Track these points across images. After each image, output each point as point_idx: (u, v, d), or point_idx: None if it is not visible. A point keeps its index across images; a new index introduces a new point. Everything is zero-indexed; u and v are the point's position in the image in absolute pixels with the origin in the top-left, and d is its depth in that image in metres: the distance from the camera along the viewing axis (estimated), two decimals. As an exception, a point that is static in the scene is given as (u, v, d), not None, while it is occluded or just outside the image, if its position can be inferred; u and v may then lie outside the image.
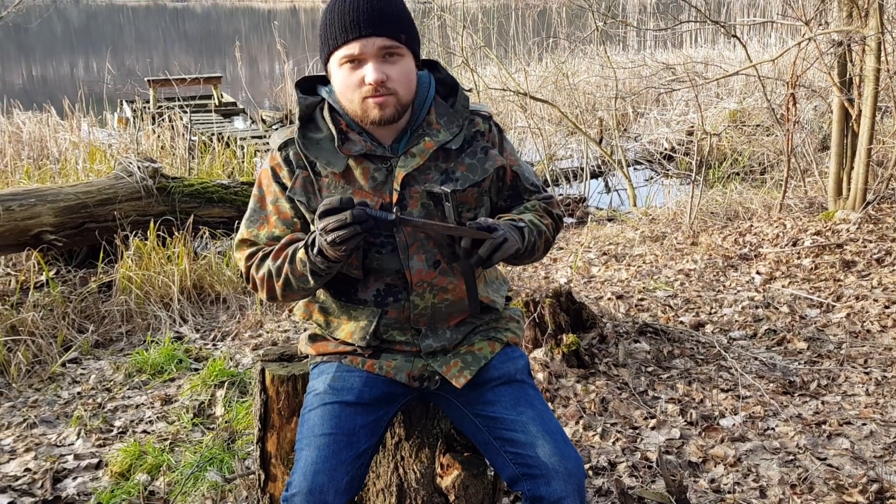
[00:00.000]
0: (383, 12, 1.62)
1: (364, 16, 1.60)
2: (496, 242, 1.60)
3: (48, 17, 34.37)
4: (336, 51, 1.64)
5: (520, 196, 1.88)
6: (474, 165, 1.77)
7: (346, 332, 1.80)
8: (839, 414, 3.00)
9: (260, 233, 1.77)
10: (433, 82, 1.80)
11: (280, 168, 1.74)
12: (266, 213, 1.78)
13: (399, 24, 1.64)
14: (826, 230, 4.99)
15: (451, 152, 1.75)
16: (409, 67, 1.67)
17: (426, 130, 1.74)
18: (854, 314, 3.91)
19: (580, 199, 7.80)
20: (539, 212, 1.85)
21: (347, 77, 1.64)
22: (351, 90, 1.65)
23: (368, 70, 1.61)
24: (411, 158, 1.71)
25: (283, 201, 1.75)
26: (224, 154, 8.46)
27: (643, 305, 4.20)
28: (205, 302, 4.57)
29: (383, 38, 1.62)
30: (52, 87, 16.84)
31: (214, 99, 13.37)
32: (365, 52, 1.61)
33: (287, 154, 1.74)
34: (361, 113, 1.66)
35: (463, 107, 1.78)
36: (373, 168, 1.71)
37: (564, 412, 3.03)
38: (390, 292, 1.75)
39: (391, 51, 1.63)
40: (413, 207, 1.71)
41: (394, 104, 1.64)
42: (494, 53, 9.12)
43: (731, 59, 11.88)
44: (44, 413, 3.29)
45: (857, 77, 5.10)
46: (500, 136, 1.85)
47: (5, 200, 4.50)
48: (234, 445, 2.93)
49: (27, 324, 3.93)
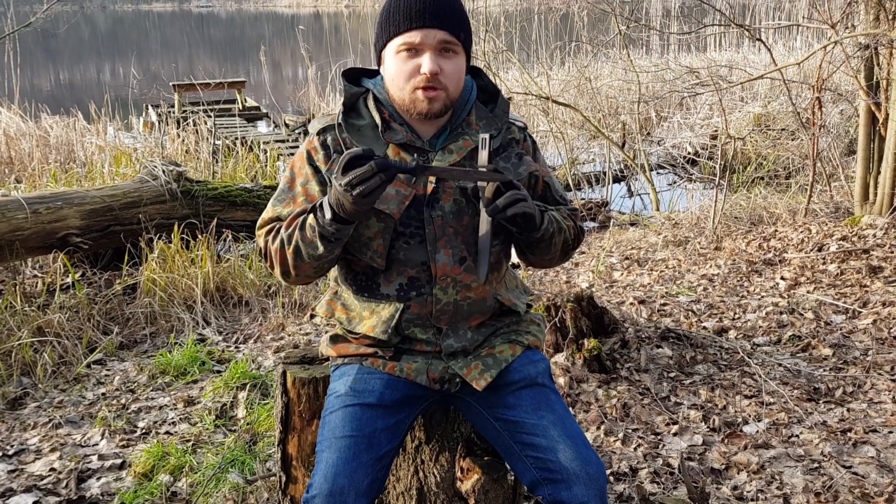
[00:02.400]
0: (448, 7, 1.66)
1: (430, 7, 1.64)
2: (518, 195, 1.61)
3: (75, 22, 34.82)
4: (396, 37, 1.67)
5: (547, 206, 1.89)
6: (508, 169, 1.79)
7: (367, 325, 1.79)
8: (865, 421, 2.96)
9: (284, 210, 1.78)
10: (475, 88, 1.83)
11: (316, 152, 1.76)
12: (294, 193, 1.79)
13: (460, 21, 1.69)
14: (852, 235, 4.93)
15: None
16: (462, 66, 1.71)
17: (465, 130, 1.76)
18: (881, 320, 3.86)
19: (602, 204, 7.76)
20: (563, 213, 1.88)
21: (402, 64, 1.67)
22: (404, 78, 1.67)
23: (426, 60, 1.64)
24: (448, 154, 1.73)
25: (312, 183, 1.76)
26: (247, 158, 8.53)
27: (665, 310, 4.17)
28: (227, 304, 4.61)
29: (445, 32, 1.65)
30: (78, 92, 17.07)
31: (238, 103, 13.49)
32: (425, 42, 1.64)
33: (325, 139, 1.76)
34: (409, 103, 1.68)
35: (503, 112, 1.82)
36: (410, 159, 1.73)
37: (586, 417, 3.01)
38: (413, 286, 1.75)
39: (449, 46, 1.67)
40: (445, 202, 1.73)
41: (443, 99, 1.67)
42: (517, 57, 9.11)
43: (755, 62, 11.79)
44: (69, 413, 3.33)
45: (884, 80, 5.04)
46: (534, 146, 1.88)
47: (33, 203, 4.57)
48: (256, 447, 2.94)
49: (53, 325, 3.99)
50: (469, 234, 1.75)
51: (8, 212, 4.44)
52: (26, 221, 4.48)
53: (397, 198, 1.71)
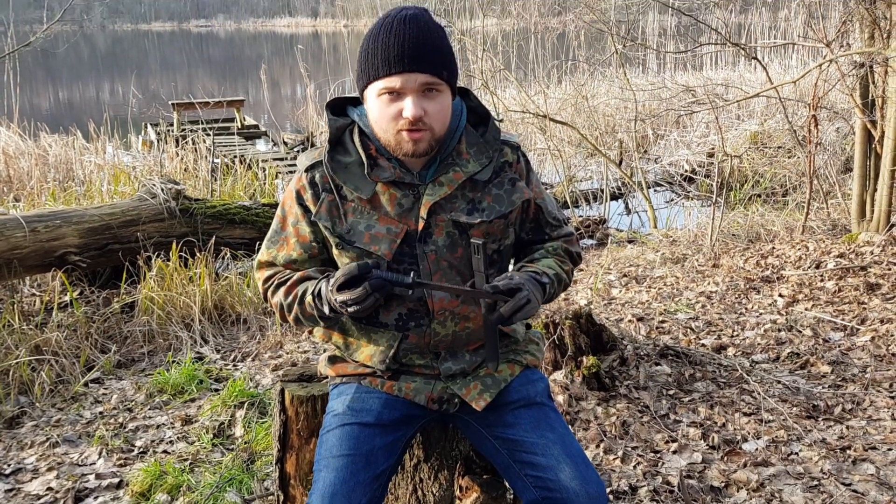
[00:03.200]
0: (427, 48, 1.59)
1: (409, 51, 1.57)
2: (519, 304, 1.59)
3: (75, 42, 34.94)
4: (376, 81, 1.61)
5: (541, 228, 1.88)
6: (501, 197, 1.76)
7: (365, 354, 1.80)
8: (864, 439, 2.95)
9: (279, 254, 1.79)
10: (465, 110, 1.79)
11: (305, 190, 1.75)
12: (286, 234, 1.79)
13: (442, 59, 1.62)
14: (849, 252, 4.94)
15: (478, 183, 1.75)
16: (447, 103, 1.66)
17: (456, 160, 1.73)
18: (879, 337, 3.86)
19: (600, 221, 7.78)
20: (560, 256, 1.85)
21: (384, 108, 1.62)
22: (386, 121, 1.63)
23: (408, 105, 1.59)
24: (439, 187, 1.70)
25: (303, 224, 1.76)
26: (246, 176, 8.56)
27: (664, 328, 4.17)
28: (225, 322, 4.60)
29: (426, 75, 1.59)
30: (78, 111, 17.12)
31: (237, 122, 13.54)
32: (406, 87, 1.59)
33: (313, 176, 1.74)
34: (395, 144, 1.65)
35: (494, 138, 1.77)
36: (400, 195, 1.70)
37: (585, 435, 3.00)
38: (412, 317, 1.75)
39: (432, 86, 1.61)
40: (438, 236, 1.71)
41: (428, 139, 1.64)
42: (514, 76, 9.16)
43: (751, 80, 11.87)
44: (66, 432, 3.32)
45: (879, 98, 5.07)
46: (527, 166, 1.84)
47: (31, 222, 4.57)
48: (254, 466, 2.93)
49: (51, 343, 3.98)
50: (464, 266, 1.73)
51: (6, 230, 4.44)
52: (25, 240, 4.48)
53: (388, 236, 1.70)
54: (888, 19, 4.84)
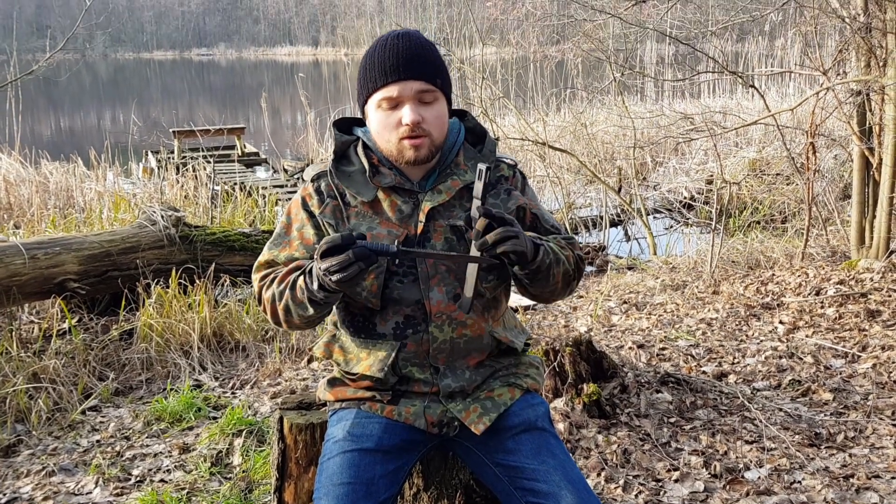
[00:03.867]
0: (421, 57, 1.71)
1: (403, 60, 1.69)
2: (508, 233, 1.57)
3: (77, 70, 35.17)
4: (375, 93, 1.72)
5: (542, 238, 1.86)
6: (497, 205, 1.82)
7: (364, 365, 1.79)
8: (867, 467, 2.93)
9: (280, 254, 1.83)
10: (463, 129, 1.88)
11: (310, 197, 1.82)
12: (290, 238, 1.83)
13: (435, 69, 1.73)
14: (849, 279, 4.94)
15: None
16: (443, 110, 1.76)
17: (454, 170, 1.80)
18: (880, 364, 3.85)
19: (600, 248, 7.79)
20: (560, 243, 1.83)
21: (385, 118, 1.72)
22: (388, 131, 1.73)
23: (406, 111, 1.70)
24: (437, 194, 1.77)
25: (308, 227, 1.81)
26: (246, 203, 8.57)
27: (665, 355, 4.16)
28: (224, 350, 4.58)
29: (420, 82, 1.70)
30: (79, 139, 17.21)
31: (237, 149, 13.59)
32: (403, 94, 1.70)
33: (319, 185, 1.82)
34: (397, 153, 1.74)
35: (490, 151, 1.86)
36: (400, 201, 1.77)
37: (586, 463, 2.98)
38: (409, 324, 1.76)
39: (427, 94, 1.72)
40: (437, 240, 1.76)
41: (428, 145, 1.72)
42: (513, 104, 9.22)
43: (749, 108, 11.94)
44: (63, 461, 3.29)
45: (877, 126, 5.10)
46: (523, 182, 1.90)
47: (31, 249, 4.57)
48: (252, 495, 2.90)
49: (49, 371, 3.96)
50: (462, 271, 1.75)
51: (6, 257, 4.44)
52: (24, 267, 4.48)
53: (388, 238, 1.75)
54: (884, 48, 4.88)
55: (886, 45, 4.86)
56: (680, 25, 7.46)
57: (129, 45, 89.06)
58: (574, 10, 7.30)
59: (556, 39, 12.54)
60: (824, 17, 5.65)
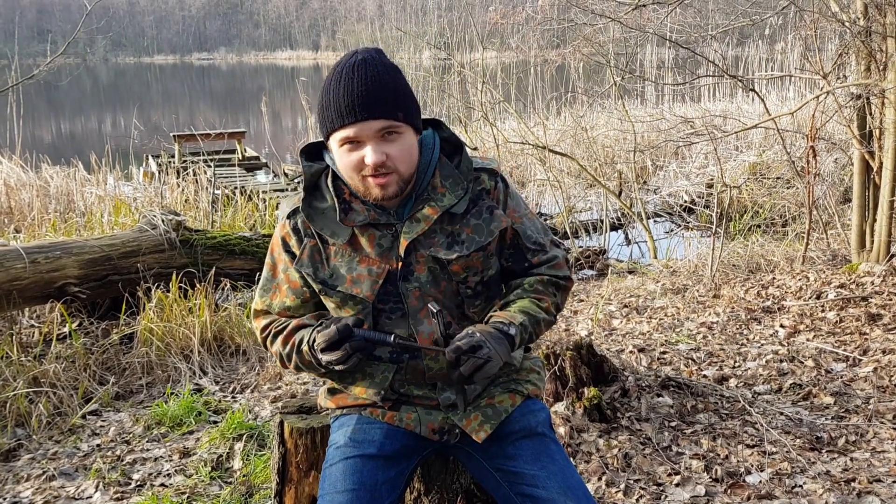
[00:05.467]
0: (377, 95, 1.60)
1: (359, 100, 1.59)
2: (478, 363, 1.59)
3: (78, 74, 35.20)
4: (334, 133, 1.64)
5: (522, 255, 1.83)
6: (480, 227, 1.75)
7: (360, 388, 1.81)
8: (868, 471, 2.93)
9: (273, 302, 1.83)
10: (438, 141, 1.78)
11: (289, 237, 1.78)
12: (277, 281, 1.82)
13: (395, 102, 1.62)
14: (850, 283, 4.94)
15: (455, 216, 1.74)
16: (410, 142, 1.67)
17: (431, 195, 1.73)
18: (881, 368, 3.84)
19: (600, 252, 7.78)
20: (538, 293, 1.80)
21: (347, 157, 1.65)
22: (352, 169, 1.66)
23: (368, 152, 1.61)
24: (416, 224, 1.71)
25: (292, 270, 1.79)
26: (246, 207, 8.57)
27: (665, 359, 4.15)
28: (224, 354, 4.58)
29: (381, 121, 1.61)
30: (80, 143, 17.22)
31: (238, 153, 13.59)
32: (362, 135, 1.61)
33: (295, 223, 1.77)
34: (364, 191, 1.67)
35: (468, 168, 1.77)
36: (378, 235, 1.72)
37: (587, 468, 2.97)
38: (406, 350, 1.75)
39: (389, 130, 1.62)
40: (420, 272, 1.72)
41: (396, 181, 1.65)
42: (513, 108, 9.23)
43: (749, 112, 11.94)
44: (63, 465, 3.28)
45: (877, 129, 5.10)
46: (505, 191, 1.81)
47: (31, 253, 4.57)
48: (252, 500, 2.90)
49: (49, 375, 3.95)
50: (449, 299, 1.74)
51: (7, 261, 4.44)
52: (25, 271, 4.47)
53: (370, 278, 1.71)
54: (884, 52, 4.88)
55: (886, 49, 4.87)
56: (680, 29, 7.46)
57: (130, 50, 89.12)
58: (574, 15, 7.31)
59: (557, 43, 12.54)
60: (824, 21, 5.66)
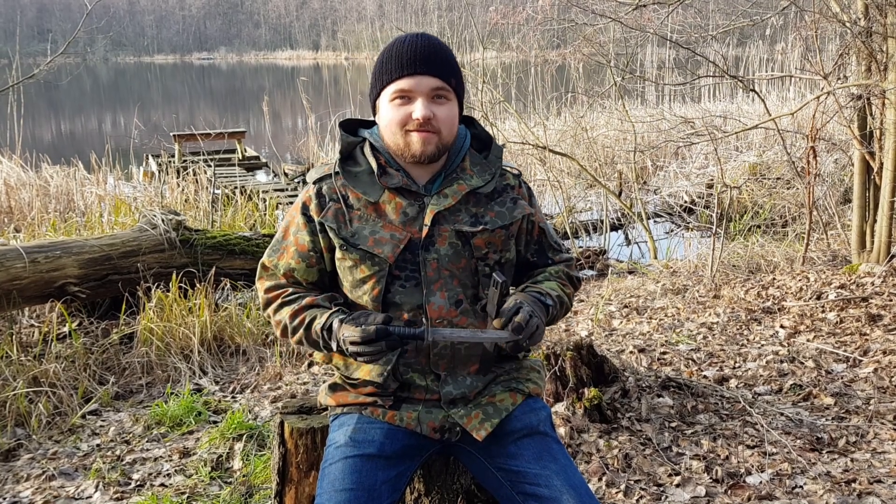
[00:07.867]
0: (438, 55, 1.72)
1: (420, 56, 1.70)
2: (531, 331, 1.64)
3: (78, 74, 35.20)
4: (389, 85, 1.73)
5: (544, 252, 1.94)
6: (503, 213, 1.82)
7: (364, 370, 1.80)
8: (869, 472, 2.92)
9: (279, 262, 1.85)
10: (469, 136, 1.87)
11: (310, 201, 1.81)
12: (287, 243, 1.85)
13: (451, 68, 1.75)
14: (850, 283, 4.94)
15: (481, 197, 1.81)
16: (454, 111, 1.76)
17: (460, 175, 1.80)
18: (882, 369, 3.84)
19: (600, 252, 7.78)
20: (563, 280, 1.91)
21: (396, 111, 1.72)
22: (397, 124, 1.72)
23: (417, 106, 1.70)
24: (444, 199, 1.76)
25: (303, 233, 1.82)
26: (246, 207, 8.57)
27: (666, 359, 4.15)
28: (224, 354, 4.58)
29: (436, 79, 1.71)
30: (80, 142, 17.22)
31: (238, 153, 13.59)
32: (416, 89, 1.70)
33: (321, 188, 1.81)
34: (404, 146, 1.73)
35: (496, 157, 1.85)
36: (406, 203, 1.76)
37: (587, 468, 2.97)
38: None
39: (440, 92, 1.72)
40: (441, 245, 1.75)
41: (436, 142, 1.72)
42: (514, 108, 9.22)
43: (749, 112, 11.94)
44: (63, 465, 3.28)
45: (877, 130, 5.10)
46: (529, 193, 1.91)
47: (31, 252, 4.57)
48: (252, 500, 2.89)
49: (49, 375, 3.95)
50: (466, 277, 1.77)
51: (6, 261, 4.44)
52: (24, 270, 4.47)
53: (392, 241, 1.74)
54: (884, 52, 4.88)
55: (887, 50, 4.86)
56: (680, 30, 7.47)
57: (130, 49, 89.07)
58: (575, 15, 7.31)
59: (557, 43, 12.53)
60: (825, 22, 5.65)
